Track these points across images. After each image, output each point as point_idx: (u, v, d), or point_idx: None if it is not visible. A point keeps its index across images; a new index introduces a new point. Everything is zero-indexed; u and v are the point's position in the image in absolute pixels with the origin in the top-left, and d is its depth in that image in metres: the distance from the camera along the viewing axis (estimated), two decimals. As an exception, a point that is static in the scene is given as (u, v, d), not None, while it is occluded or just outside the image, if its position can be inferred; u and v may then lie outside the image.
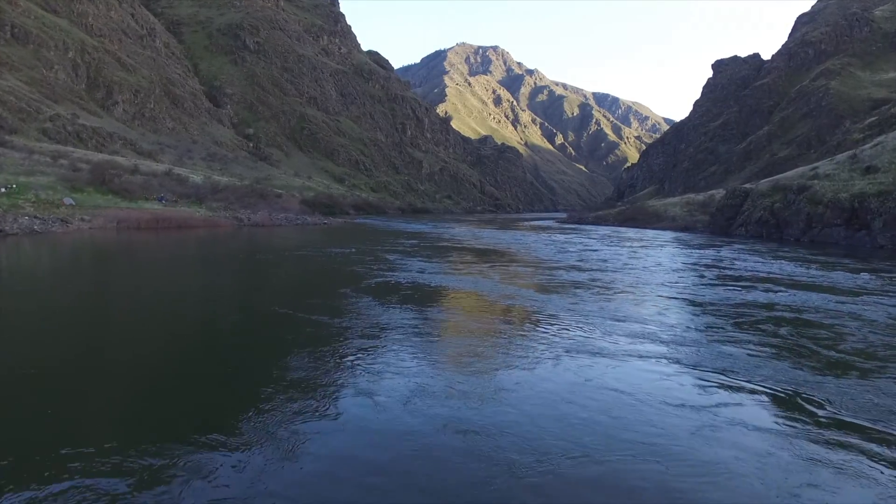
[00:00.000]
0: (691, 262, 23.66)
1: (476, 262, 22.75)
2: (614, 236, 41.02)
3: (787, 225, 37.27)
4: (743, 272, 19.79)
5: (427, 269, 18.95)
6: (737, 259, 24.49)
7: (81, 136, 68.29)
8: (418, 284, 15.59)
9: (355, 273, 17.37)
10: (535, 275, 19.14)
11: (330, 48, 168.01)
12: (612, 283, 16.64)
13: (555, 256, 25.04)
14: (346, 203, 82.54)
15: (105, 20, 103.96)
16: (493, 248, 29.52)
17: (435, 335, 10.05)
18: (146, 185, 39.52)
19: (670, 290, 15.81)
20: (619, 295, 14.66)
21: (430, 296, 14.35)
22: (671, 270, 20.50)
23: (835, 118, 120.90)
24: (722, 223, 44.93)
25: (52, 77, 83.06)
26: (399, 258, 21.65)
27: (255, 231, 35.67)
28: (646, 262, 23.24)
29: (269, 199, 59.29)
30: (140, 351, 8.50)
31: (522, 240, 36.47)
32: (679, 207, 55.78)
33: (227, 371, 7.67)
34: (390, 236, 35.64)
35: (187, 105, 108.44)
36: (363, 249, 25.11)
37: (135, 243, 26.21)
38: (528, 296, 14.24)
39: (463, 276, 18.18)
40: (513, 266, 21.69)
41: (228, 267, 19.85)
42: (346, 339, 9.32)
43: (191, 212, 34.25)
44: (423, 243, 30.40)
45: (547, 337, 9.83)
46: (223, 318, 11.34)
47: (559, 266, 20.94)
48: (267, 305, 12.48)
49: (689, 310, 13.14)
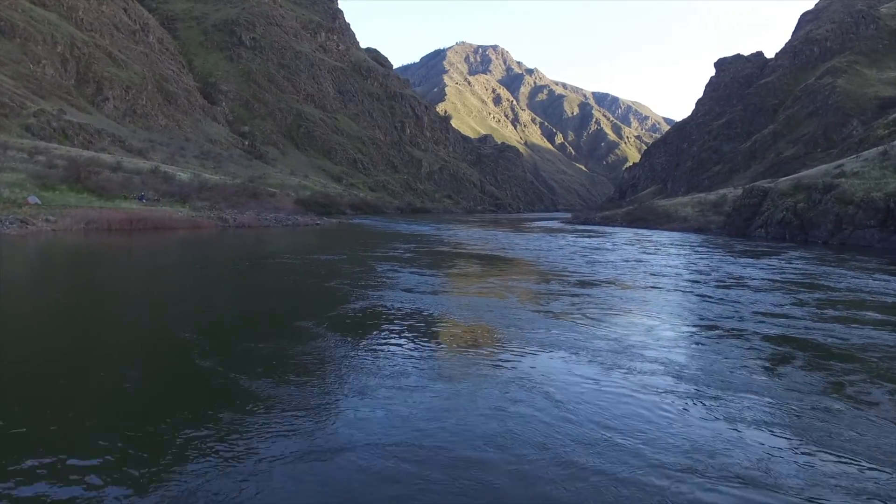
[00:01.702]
0: (777, 279, 18.11)
1: (485, 274, 18.83)
2: (631, 239, 38.03)
3: (812, 226, 34.81)
4: (848, 292, 15.76)
5: (423, 285, 15.05)
6: (824, 273, 19.88)
7: (67, 132, 65.69)
8: (409, 313, 11.51)
9: (332, 292, 13.79)
10: (574, 302, 13.71)
11: (328, 45, 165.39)
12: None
13: (584, 268, 20.36)
14: (343, 203, 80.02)
15: (96, 14, 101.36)
16: (502, 256, 25.77)
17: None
18: (127, 183, 36.91)
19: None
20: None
21: (423, 338, 9.80)
22: (758, 292, 15.41)
23: (842, 116, 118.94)
24: (739, 224, 42.47)
25: (40, 72, 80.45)
26: (391, 269, 18.08)
27: (239, 233, 32.78)
28: (702, 275, 18.76)
29: (262, 198, 56.81)
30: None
31: (533, 244, 32.70)
32: (690, 207, 53.35)
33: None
34: (385, 240, 32.47)
35: (181, 102, 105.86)
36: (351, 257, 21.87)
37: (95, 248, 23.29)
38: (574, 341, 9.55)
39: (472, 296, 14.18)
40: (533, 282, 17.04)
41: (178, 281, 15.81)
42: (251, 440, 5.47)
43: (171, 211, 31.60)
44: (421, 248, 27.09)
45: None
46: (93, 380, 7.20)
47: (599, 282, 16.65)
48: (184, 351, 8.54)
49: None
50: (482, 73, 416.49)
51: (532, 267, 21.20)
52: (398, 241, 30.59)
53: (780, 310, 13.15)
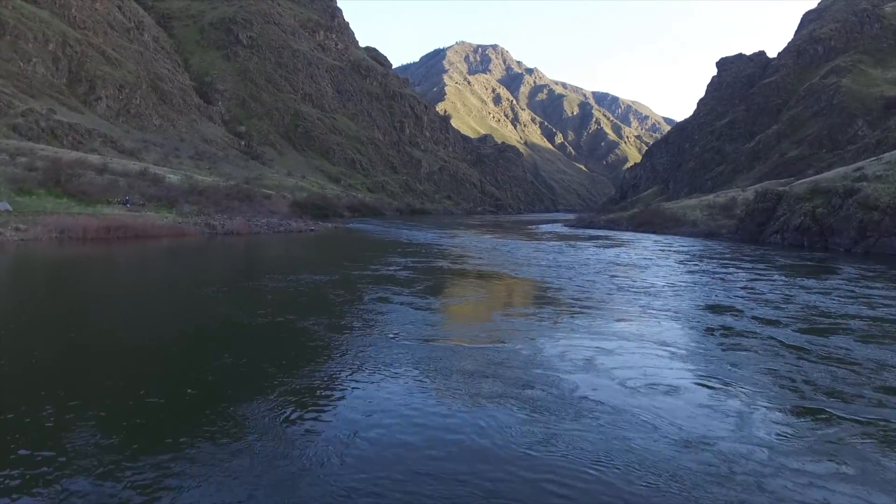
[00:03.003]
0: (872, 315, 13.43)
1: (504, 308, 14.55)
2: (649, 248, 35.17)
3: (833, 232, 33.03)
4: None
5: (422, 328, 11.13)
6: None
7: (56, 132, 63.84)
8: (397, 398, 7.22)
9: (305, 340, 10.11)
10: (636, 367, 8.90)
11: (326, 44, 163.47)
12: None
13: (630, 297, 15.65)
14: (341, 204, 78.10)
15: (89, 12, 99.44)
16: (517, 277, 20.44)
17: None
18: (111, 186, 35.01)
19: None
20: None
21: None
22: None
23: (847, 116, 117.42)
24: (752, 229, 40.68)
25: (30, 70, 78.60)
26: (384, 299, 14.22)
27: (227, 242, 30.32)
28: (780, 309, 13.79)
29: (256, 200, 54.99)
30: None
31: (547, 256, 27.45)
32: (699, 211, 51.59)
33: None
34: (381, 251, 29.21)
35: (176, 101, 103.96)
36: (341, 278, 18.14)
37: (58, 261, 20.88)
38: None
39: (493, 358, 9.01)
40: (579, 331, 11.35)
41: (113, 314, 12.10)
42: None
43: (155, 217, 29.63)
44: (420, 264, 22.99)
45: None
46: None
47: (664, 325, 12.01)
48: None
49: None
50: (482, 72, 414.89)
51: (561, 296, 15.95)
52: (395, 254, 26.88)
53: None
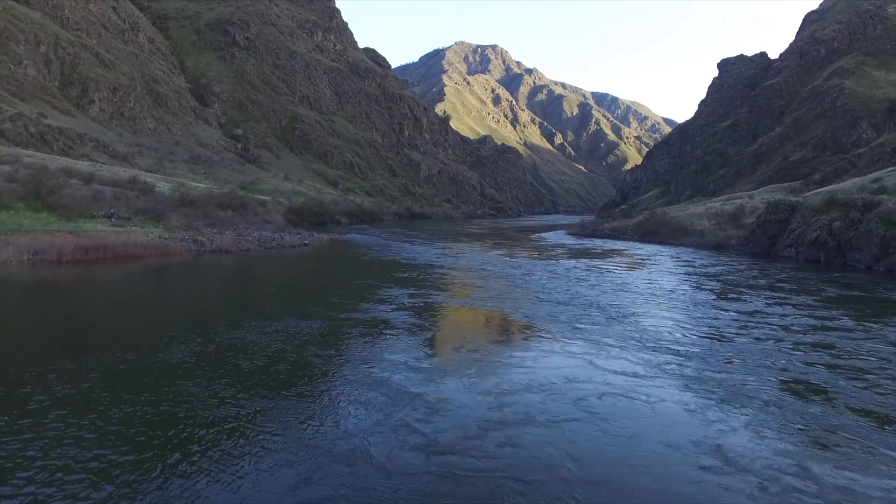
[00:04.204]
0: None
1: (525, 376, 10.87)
2: (671, 267, 32.62)
3: (852, 248, 31.52)
4: None
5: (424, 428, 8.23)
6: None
7: (46, 137, 62.20)
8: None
9: (256, 433, 7.82)
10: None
11: (324, 45, 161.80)
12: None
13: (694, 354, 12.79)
14: (338, 210, 76.47)
15: (83, 13, 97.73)
16: (536, 322, 16.14)
17: None
18: (97, 197, 33.28)
19: None
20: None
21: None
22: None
23: (851, 119, 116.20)
24: (764, 241, 39.17)
25: (21, 73, 76.93)
26: (368, 366, 11.23)
27: (214, 261, 28.12)
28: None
29: (250, 207, 53.43)
30: None
31: (563, 285, 23.08)
32: (706, 220, 50.04)
33: None
34: (373, 276, 25.83)
35: (171, 104, 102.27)
36: (324, 321, 14.64)
37: (21, 292, 18.34)
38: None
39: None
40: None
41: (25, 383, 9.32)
42: None
43: (139, 234, 27.79)
44: (418, 300, 18.83)
45: None
46: None
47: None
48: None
49: None
50: (481, 72, 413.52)
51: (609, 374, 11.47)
52: (390, 283, 23.26)
53: None
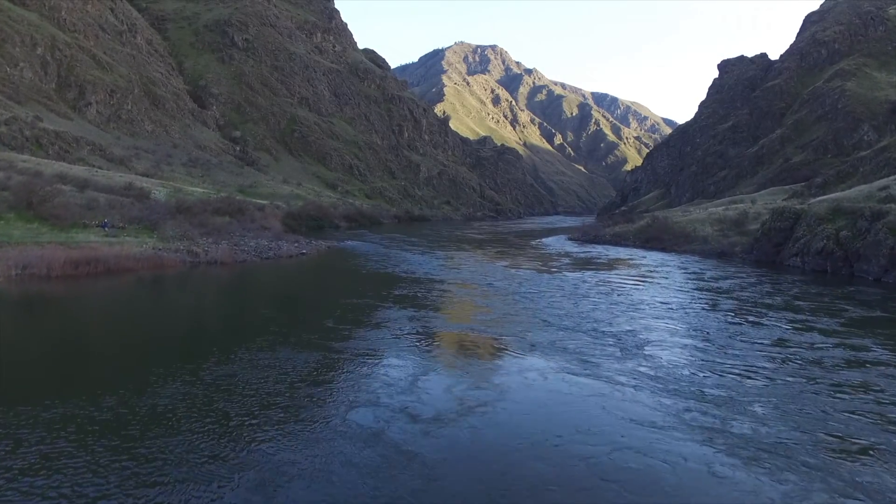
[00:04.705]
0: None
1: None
2: (681, 281, 30.99)
3: (860, 259, 30.96)
4: None
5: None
6: None
7: (41, 141, 61.56)
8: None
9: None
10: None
11: (323, 46, 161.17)
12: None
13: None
14: (337, 214, 75.88)
15: (80, 15, 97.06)
16: (554, 360, 14.27)
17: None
18: (90, 206, 32.59)
19: None
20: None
21: None
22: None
23: (852, 121, 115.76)
24: (768, 249, 38.60)
25: (17, 75, 76.32)
26: (358, 405, 10.58)
27: (208, 274, 27.00)
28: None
29: (248, 213, 52.81)
30: None
31: (572, 307, 21.27)
32: (709, 226, 49.45)
33: None
34: (370, 290, 24.07)
35: (169, 106, 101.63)
36: (308, 358, 13.72)
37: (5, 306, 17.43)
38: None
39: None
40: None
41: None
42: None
43: (133, 245, 27.01)
44: (414, 319, 18.43)
45: None
46: None
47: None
48: None
49: None
50: (481, 73, 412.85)
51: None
52: (389, 301, 21.46)
53: None
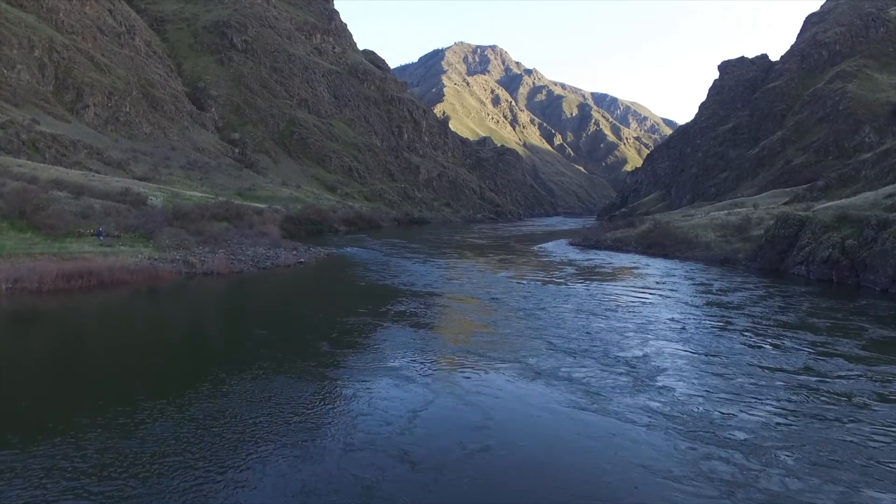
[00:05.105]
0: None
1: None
2: (680, 290, 29.64)
3: (866, 269, 30.51)
4: None
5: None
6: None
7: (38, 145, 61.09)
8: None
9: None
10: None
11: (323, 47, 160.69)
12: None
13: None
14: (336, 218, 75.42)
15: (78, 16, 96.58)
16: (548, 371, 14.97)
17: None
18: (85, 214, 32.04)
19: None
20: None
21: None
22: None
23: (853, 123, 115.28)
24: (772, 257, 38.17)
25: (14, 78, 75.85)
26: (353, 449, 10.25)
27: (203, 286, 26.18)
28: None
29: (247, 218, 52.30)
30: None
31: (583, 324, 20.73)
32: (711, 232, 49.00)
33: None
34: (368, 306, 23.07)
35: (167, 108, 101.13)
36: (302, 389, 13.30)
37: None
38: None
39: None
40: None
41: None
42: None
43: (128, 254, 26.49)
44: (413, 344, 17.78)
45: None
46: None
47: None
48: None
49: None
50: (480, 73, 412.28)
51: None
52: (388, 320, 20.75)
53: None
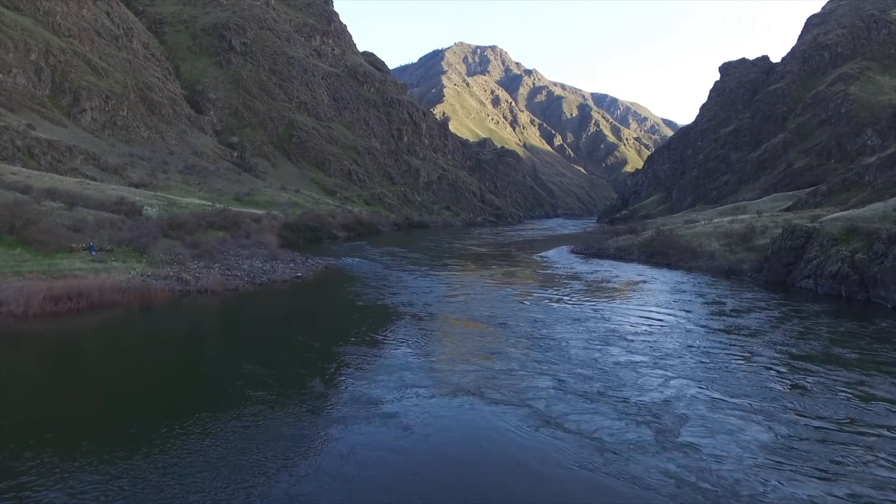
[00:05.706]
0: None
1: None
2: (691, 308, 28.51)
3: (877, 284, 29.80)
4: None
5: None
6: None
7: (33, 151, 60.37)
8: None
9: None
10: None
11: (322, 49, 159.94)
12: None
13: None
14: (335, 223, 74.68)
15: (75, 19, 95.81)
16: (559, 421, 13.93)
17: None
18: (78, 226, 31.28)
19: None
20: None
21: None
22: None
23: (855, 126, 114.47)
24: (779, 269, 37.46)
25: (10, 82, 75.10)
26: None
27: (198, 306, 25.39)
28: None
29: (244, 226, 51.61)
30: None
31: (590, 358, 19.11)
32: (715, 240, 48.32)
33: None
34: (365, 331, 21.81)
35: (165, 112, 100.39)
36: (294, 436, 12.58)
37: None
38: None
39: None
40: None
41: None
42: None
43: (120, 271, 25.79)
44: (413, 381, 16.52)
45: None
46: None
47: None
48: None
49: None
50: (480, 73, 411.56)
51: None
52: (387, 346, 20.38)
53: None
